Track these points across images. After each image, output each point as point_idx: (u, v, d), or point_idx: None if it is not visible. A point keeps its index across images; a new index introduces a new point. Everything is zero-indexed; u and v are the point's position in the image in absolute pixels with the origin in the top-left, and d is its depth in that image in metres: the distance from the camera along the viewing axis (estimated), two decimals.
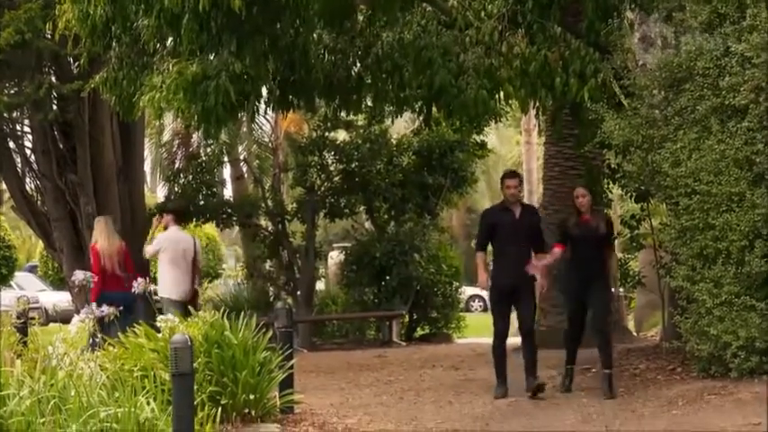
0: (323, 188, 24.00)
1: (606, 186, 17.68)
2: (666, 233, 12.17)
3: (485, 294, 13.59)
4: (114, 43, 13.89)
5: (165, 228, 16.11)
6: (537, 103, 14.70)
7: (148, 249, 16.37)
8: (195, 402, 8.87)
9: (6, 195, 23.70)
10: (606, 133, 12.41)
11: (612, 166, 16.09)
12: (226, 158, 28.58)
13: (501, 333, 12.33)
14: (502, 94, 13.41)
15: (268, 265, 26.84)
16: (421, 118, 15.69)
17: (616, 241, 18.41)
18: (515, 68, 12.60)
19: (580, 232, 12.18)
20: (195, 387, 9.09)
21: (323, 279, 31.68)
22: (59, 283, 32.15)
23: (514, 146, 44.96)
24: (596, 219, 12.32)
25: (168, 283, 15.56)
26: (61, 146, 19.51)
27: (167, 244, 15.80)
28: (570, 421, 10.77)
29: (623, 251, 18.03)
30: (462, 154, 23.98)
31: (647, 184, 12.80)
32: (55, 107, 18.61)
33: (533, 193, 34.93)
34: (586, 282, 12.13)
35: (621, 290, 20.17)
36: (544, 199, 20.67)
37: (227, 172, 32.59)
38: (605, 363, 12.22)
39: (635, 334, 21.49)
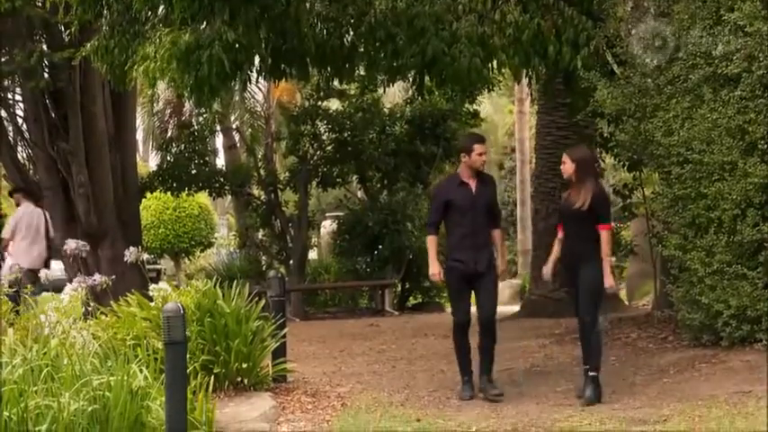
0: (315, 157, 24.00)
1: (599, 155, 17.68)
2: (659, 202, 12.16)
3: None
4: (105, 11, 13.81)
5: (18, 205, 17.95)
6: (530, 72, 14.67)
7: (6, 230, 17.60)
8: (188, 371, 8.89)
9: None
10: (599, 102, 12.39)
11: (605, 134, 16.09)
12: (218, 127, 28.59)
13: (462, 323, 10.58)
14: (495, 62, 13.37)
15: (261, 234, 26.90)
16: (414, 87, 15.61)
17: None
18: (508, 37, 12.56)
19: (562, 207, 10.46)
20: (188, 356, 9.11)
21: (315, 248, 31.73)
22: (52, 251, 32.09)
23: (507, 115, 44.87)
24: (580, 192, 10.03)
25: (21, 252, 16.89)
26: (53, 114, 19.45)
27: (21, 219, 17.34)
28: (562, 389, 10.81)
29: (615, 220, 18.05)
30: (455, 123, 23.95)
31: (640, 153, 12.80)
32: (46, 75, 18.55)
33: (526, 162, 34.95)
34: (571, 267, 10.24)
35: (613, 259, 20.22)
36: (537, 168, 20.69)
37: (219, 141, 32.65)
38: (588, 362, 10.21)
39: (626, 303, 21.57)
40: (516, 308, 20.17)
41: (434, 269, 10.62)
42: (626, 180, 17.26)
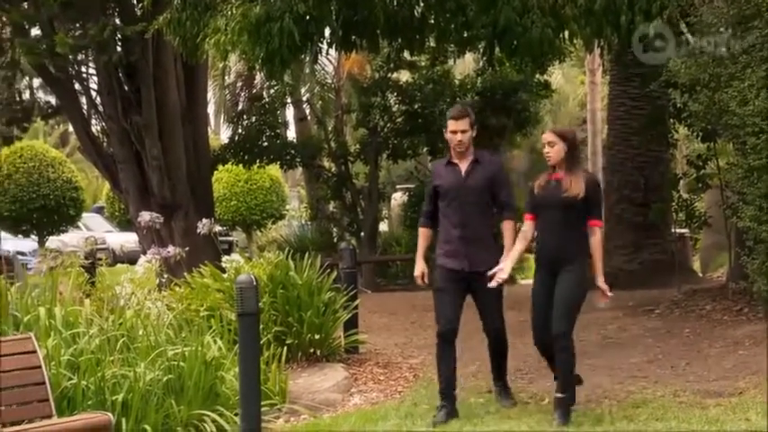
0: (386, 129, 23.97)
1: (672, 126, 17.49)
2: (733, 173, 12.00)
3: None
4: None
5: None
6: (602, 42, 14.52)
7: None
8: (261, 342, 8.97)
9: (73, 137, 23.87)
10: (672, 72, 12.24)
11: (678, 105, 15.89)
12: (289, 100, 28.62)
13: (443, 332, 8.63)
14: (567, 32, 13.25)
15: (331, 206, 26.97)
16: (484, 58, 15.51)
17: (681, 182, 18.33)
18: (580, 6, 12.43)
19: (543, 195, 8.48)
20: (261, 327, 9.19)
21: (386, 220, 31.75)
22: (126, 224, 32.43)
23: (579, 86, 44.51)
24: (571, 178, 8.34)
25: None
26: (126, 88, 19.60)
27: None
28: (636, 361, 10.74)
29: (689, 191, 17.86)
30: (526, 94, 23.78)
31: (714, 124, 12.64)
32: (119, 49, 18.70)
33: (597, 133, 34.65)
34: (549, 268, 8.42)
35: (687, 231, 20.03)
36: (609, 140, 20.53)
37: (290, 113, 32.68)
38: (560, 384, 8.36)
39: (701, 275, 21.36)
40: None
41: (417, 270, 8.91)
42: (700, 151, 17.03)
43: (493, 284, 8.37)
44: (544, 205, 8.42)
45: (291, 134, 31.15)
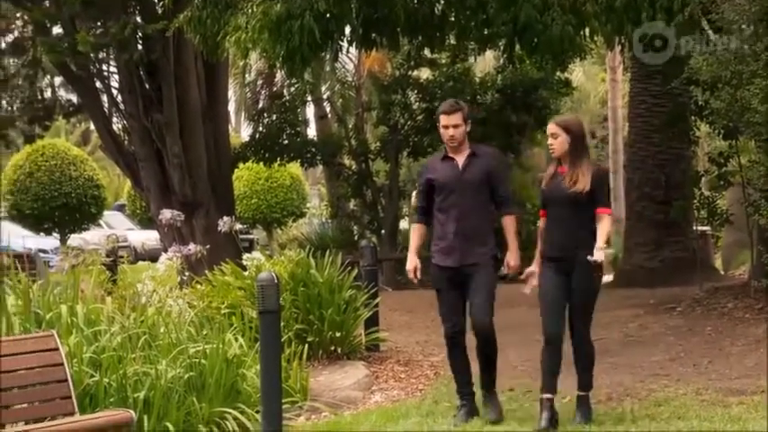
0: (406, 127, 23.97)
1: (693, 123, 17.43)
2: (755, 170, 11.97)
3: None
4: None
5: None
6: (623, 39, 14.48)
7: None
8: (282, 339, 8.98)
9: (94, 135, 23.97)
10: (694, 69, 12.20)
11: (700, 102, 15.83)
12: (309, 98, 28.64)
13: (451, 332, 8.47)
14: (587, 30, 13.23)
15: (352, 204, 26.97)
16: (505, 55, 15.49)
17: (703, 179, 18.25)
18: (601, 4, 12.40)
19: (550, 189, 8.24)
20: (282, 324, 9.21)
21: (406, 218, 31.74)
22: (147, 221, 32.54)
23: (600, 83, 44.39)
24: (576, 171, 8.04)
25: None
26: (147, 86, 19.65)
27: None
28: (657, 359, 10.71)
29: (711, 189, 17.80)
30: (546, 92, 23.74)
31: (736, 121, 12.58)
32: (140, 47, 18.75)
33: (618, 131, 34.56)
34: (558, 265, 8.10)
35: (708, 228, 19.97)
36: (630, 137, 20.48)
37: (310, 111, 32.69)
38: (582, 382, 8.24)
39: (722, 273, 21.27)
40: (610, 278, 20.01)
41: (410, 264, 8.53)
42: (721, 148, 16.97)
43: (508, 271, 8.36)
44: (551, 200, 8.18)
45: (312, 132, 31.19)
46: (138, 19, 18.93)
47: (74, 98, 24.96)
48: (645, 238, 18.96)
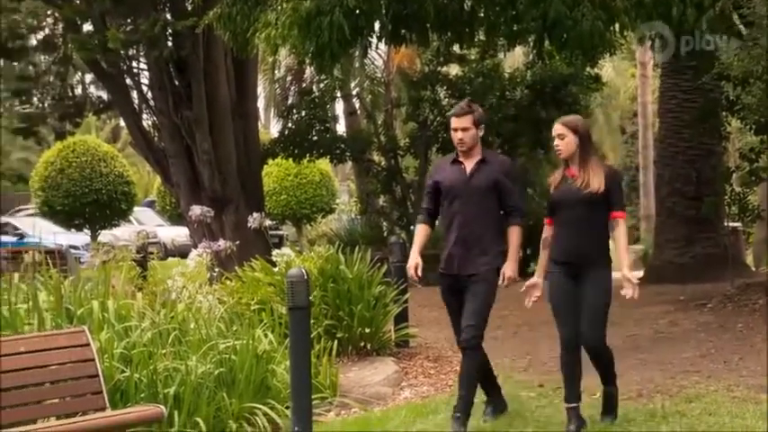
0: (435, 123, 23.92)
1: (724, 119, 17.35)
2: None
3: None
4: None
5: None
6: (653, 35, 14.41)
7: None
8: (312, 336, 8.99)
9: (125, 132, 24.09)
10: (725, 64, 12.14)
11: (731, 97, 15.76)
12: (338, 94, 28.66)
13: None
14: (617, 25, 13.18)
15: (381, 200, 26.95)
16: (534, 51, 15.45)
17: (734, 175, 18.17)
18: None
19: (560, 193, 7.95)
20: (311, 321, 9.22)
21: None
22: (177, 218, 32.64)
23: (629, 78, 44.23)
24: (586, 173, 7.78)
25: None
26: (177, 82, 19.71)
27: None
28: (688, 355, 10.67)
29: (742, 185, 17.71)
30: (576, 87, 23.65)
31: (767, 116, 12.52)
32: (170, 44, 18.81)
33: (648, 127, 34.43)
34: (569, 270, 7.86)
35: (740, 224, 19.87)
36: (660, 133, 20.40)
37: (339, 107, 32.73)
38: (606, 378, 8.10)
39: (753, 269, 21.18)
40: (640, 274, 19.96)
41: (410, 261, 8.34)
42: (753, 144, 16.88)
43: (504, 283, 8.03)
44: (563, 204, 7.86)
45: (341, 128, 31.22)
46: (168, 16, 19.00)
47: (104, 95, 25.12)
48: (675, 235, 18.89)
